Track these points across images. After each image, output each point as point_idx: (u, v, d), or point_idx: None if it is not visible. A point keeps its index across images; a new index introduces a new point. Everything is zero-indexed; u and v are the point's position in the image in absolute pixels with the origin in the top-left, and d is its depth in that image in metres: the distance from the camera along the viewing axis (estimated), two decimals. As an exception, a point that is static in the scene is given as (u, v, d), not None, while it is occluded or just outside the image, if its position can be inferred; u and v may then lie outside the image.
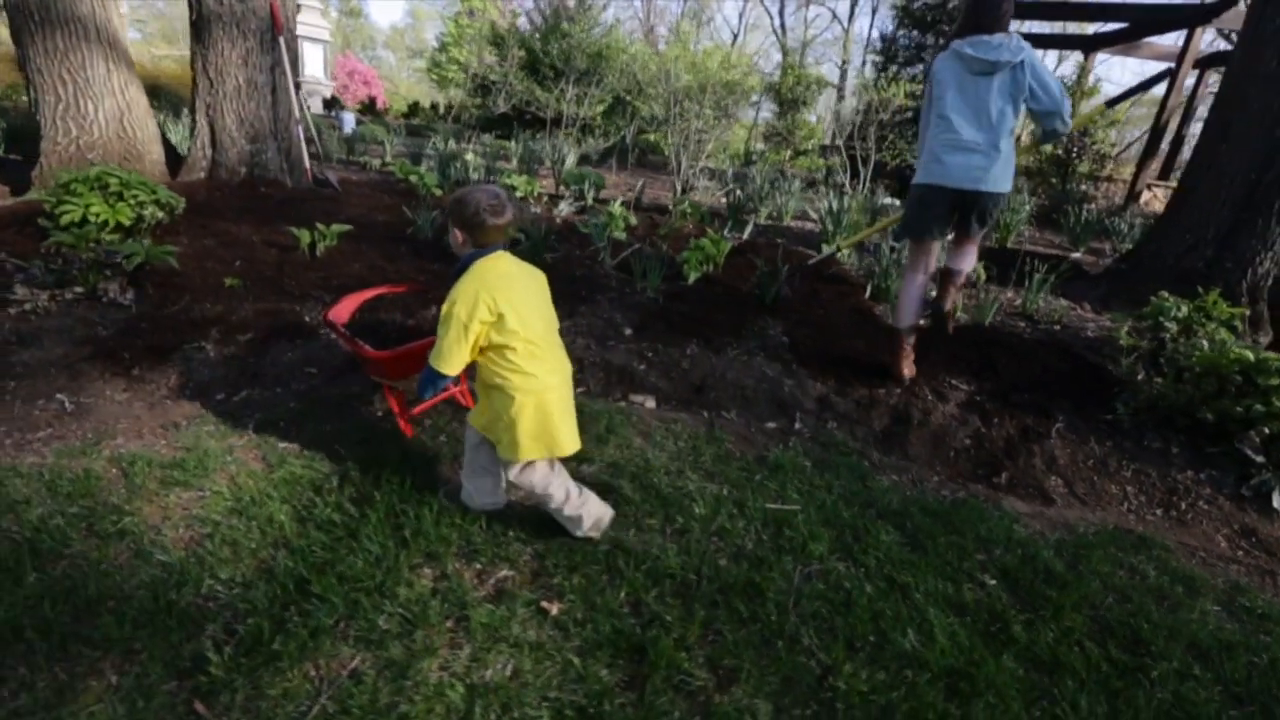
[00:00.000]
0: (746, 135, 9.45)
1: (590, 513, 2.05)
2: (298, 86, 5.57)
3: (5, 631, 1.59)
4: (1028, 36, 7.35)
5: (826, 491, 2.49)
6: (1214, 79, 9.59)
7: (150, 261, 3.41)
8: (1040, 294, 4.26)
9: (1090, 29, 11.50)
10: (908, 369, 3.21)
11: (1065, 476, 2.75)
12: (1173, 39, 10.41)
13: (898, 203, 6.63)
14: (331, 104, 16.69)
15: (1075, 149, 8.00)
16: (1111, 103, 8.86)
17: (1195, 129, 9.78)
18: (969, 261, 3.15)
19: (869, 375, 3.30)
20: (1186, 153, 9.17)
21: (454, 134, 9.23)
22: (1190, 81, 9.55)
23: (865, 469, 2.67)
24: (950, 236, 3.20)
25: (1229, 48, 11.54)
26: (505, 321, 1.79)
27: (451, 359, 1.82)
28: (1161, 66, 9.57)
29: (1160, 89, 9.62)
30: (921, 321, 3.32)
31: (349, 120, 10.85)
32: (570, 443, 1.97)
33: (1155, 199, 9.05)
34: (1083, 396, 3.18)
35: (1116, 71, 39.77)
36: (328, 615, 1.74)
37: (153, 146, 5.16)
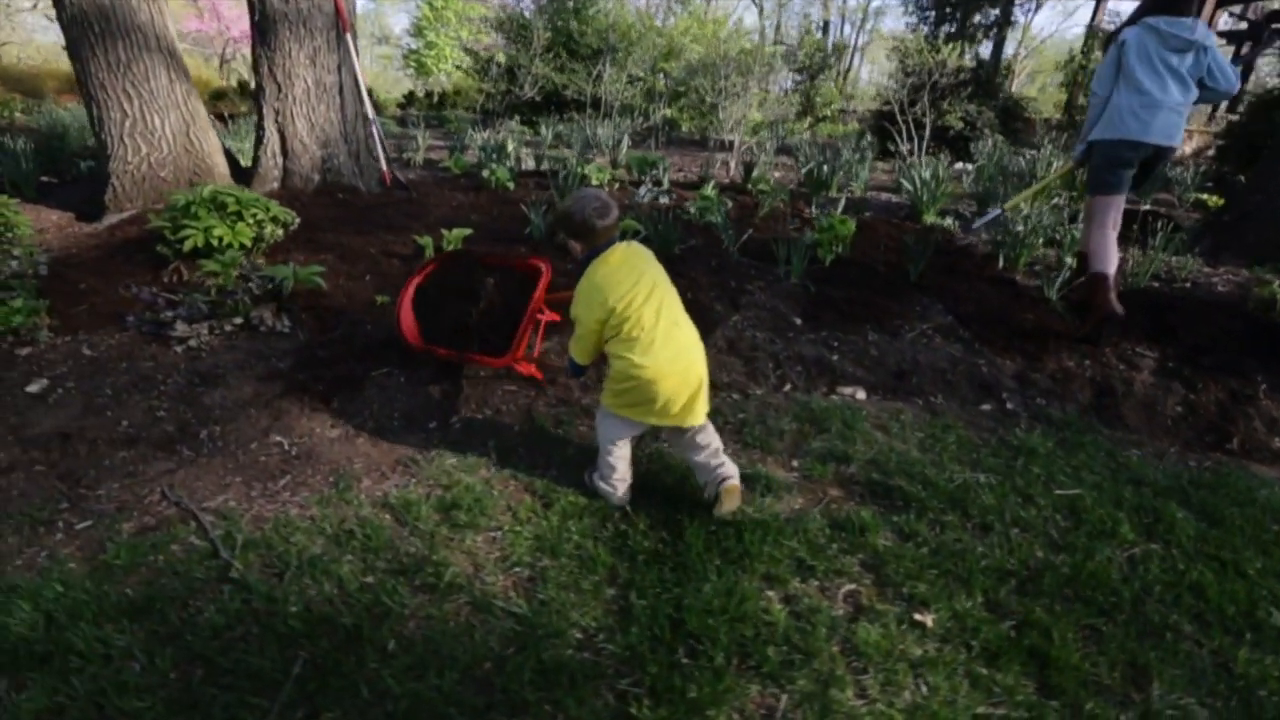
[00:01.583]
0: (758, 105, 9.27)
1: (619, 497, 2.15)
2: (359, 85, 5.25)
3: (415, 711, 1.46)
4: None
5: (1089, 472, 2.46)
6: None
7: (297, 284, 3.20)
8: (1165, 252, 4.26)
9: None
10: (1118, 305, 3.26)
11: (1290, 436, 2.76)
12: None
13: (969, 167, 6.59)
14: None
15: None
16: None
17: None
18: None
19: (1052, 348, 3.27)
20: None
21: (477, 123, 8.87)
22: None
23: (1108, 446, 2.65)
24: None
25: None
26: (615, 317, 1.93)
27: (581, 352, 2.10)
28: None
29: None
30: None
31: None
32: (667, 418, 2.00)
33: (1187, 143, 9.13)
34: (1267, 355, 3.19)
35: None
36: (718, 653, 1.65)
37: (218, 159, 4.84)
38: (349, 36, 4.94)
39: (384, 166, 5.43)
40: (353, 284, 3.53)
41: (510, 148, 7.26)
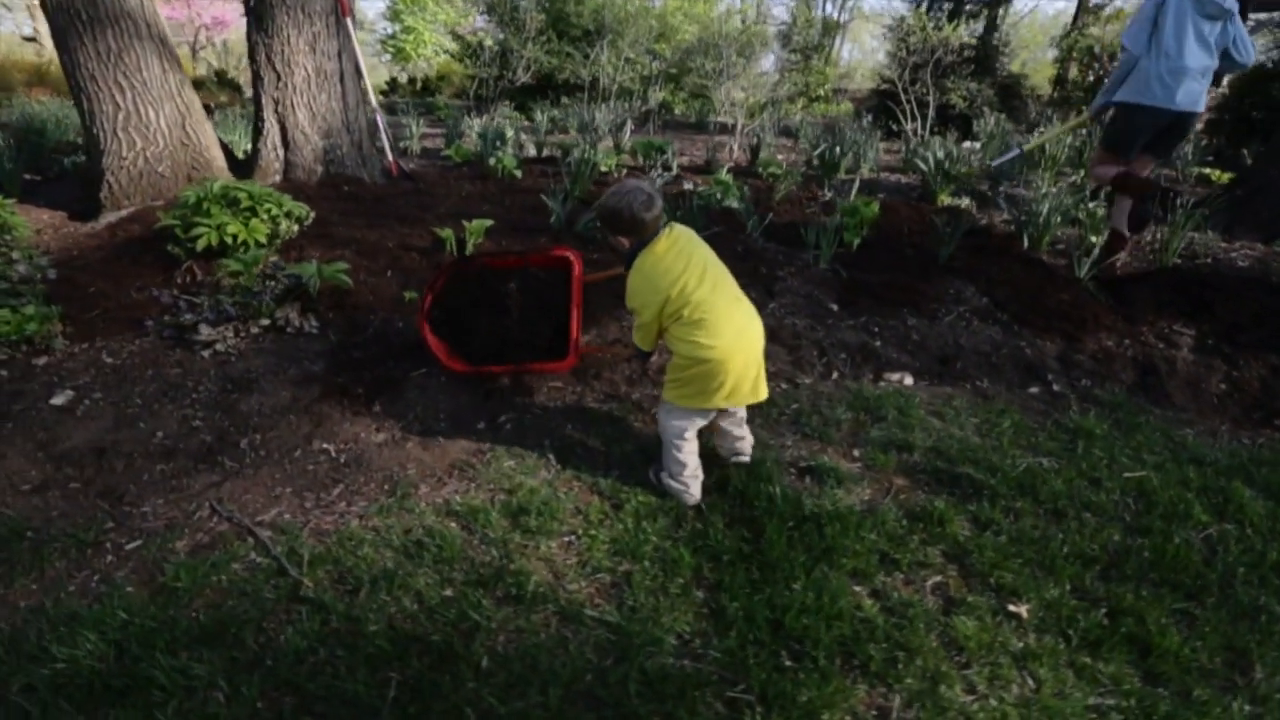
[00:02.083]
0: (758, 85, 9.15)
1: (692, 495, 2.08)
2: (360, 73, 5.05)
3: (524, 728, 1.41)
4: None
5: (1149, 452, 2.46)
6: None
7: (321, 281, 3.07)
8: (1186, 228, 4.27)
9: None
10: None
11: (1334, 409, 2.78)
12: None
13: (976, 145, 6.56)
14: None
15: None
16: None
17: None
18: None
19: (1090, 328, 3.26)
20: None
21: (471, 109, 8.64)
22: None
23: (1162, 426, 2.64)
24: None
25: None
26: (671, 304, 1.92)
27: (644, 340, 2.10)
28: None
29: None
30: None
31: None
32: (735, 399, 1.96)
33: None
34: (1302, 328, 3.21)
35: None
36: (820, 653, 1.61)
37: (215, 152, 4.63)
38: (349, 21, 4.74)
39: (389, 157, 5.25)
40: (376, 280, 3.40)
41: (509, 134, 7.08)
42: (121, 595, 1.71)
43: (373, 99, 5.10)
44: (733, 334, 1.93)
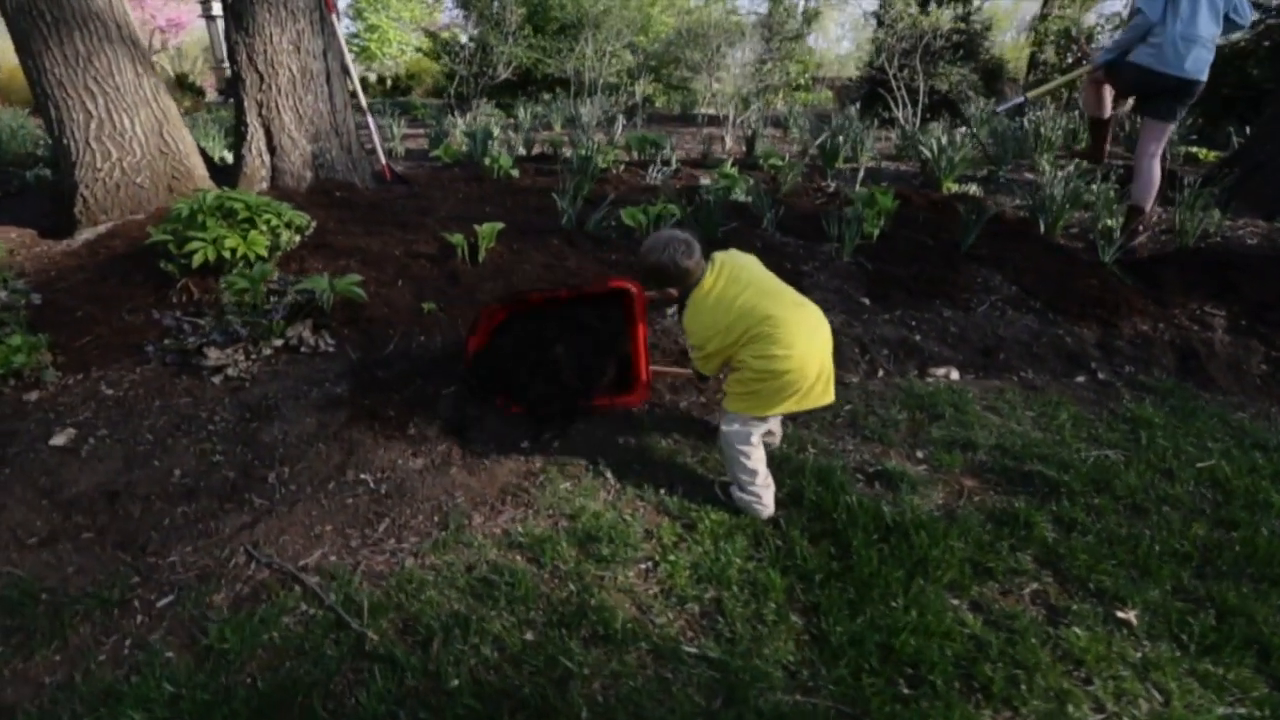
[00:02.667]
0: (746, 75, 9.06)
1: (766, 505, 1.98)
2: (346, 72, 4.80)
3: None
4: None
5: (1211, 440, 2.42)
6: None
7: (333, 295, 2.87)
8: (1196, 208, 4.29)
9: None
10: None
11: (1374, 385, 2.78)
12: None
13: (977, 131, 6.53)
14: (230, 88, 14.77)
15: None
16: None
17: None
18: None
19: (1124, 313, 3.23)
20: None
21: (451, 108, 8.36)
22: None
23: (1217, 411, 2.61)
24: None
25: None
26: (736, 333, 1.85)
27: (710, 369, 2.05)
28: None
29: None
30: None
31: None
32: (799, 404, 1.89)
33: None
34: (1328, 306, 3.22)
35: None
36: (937, 677, 1.51)
37: (196, 159, 4.34)
38: (334, 18, 4.49)
39: (382, 160, 5.01)
40: (387, 291, 3.21)
41: (497, 132, 6.86)
42: (162, 663, 1.53)
43: (363, 99, 4.86)
44: (805, 340, 1.86)
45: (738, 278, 1.93)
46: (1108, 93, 4.13)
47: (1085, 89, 4.31)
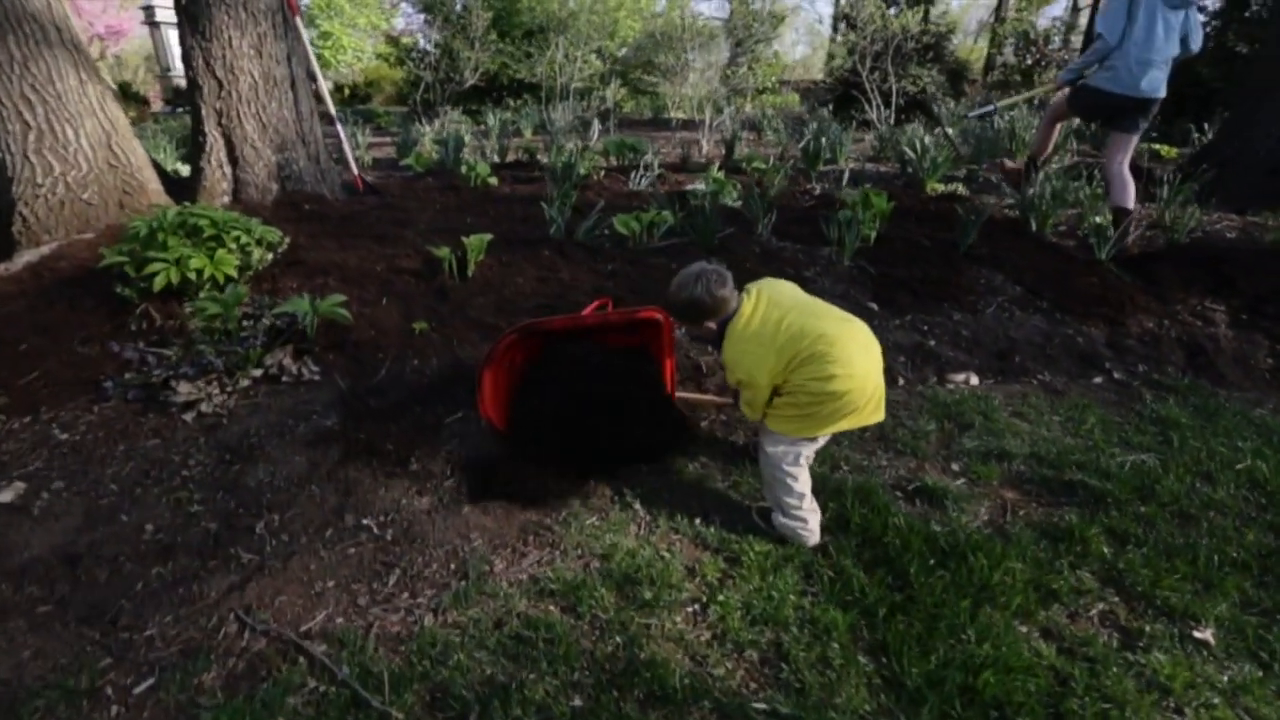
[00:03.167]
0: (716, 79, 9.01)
1: (813, 531, 1.86)
2: (312, 77, 4.52)
3: None
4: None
5: (1240, 438, 2.39)
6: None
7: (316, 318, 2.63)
8: (1176, 204, 4.36)
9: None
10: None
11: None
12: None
13: (951, 131, 6.61)
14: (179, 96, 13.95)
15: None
16: None
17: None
18: None
19: (1128, 310, 3.23)
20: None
21: (418, 115, 8.07)
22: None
23: (1240, 408, 2.59)
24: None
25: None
26: (784, 362, 1.72)
27: (754, 411, 1.87)
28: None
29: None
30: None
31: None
32: (849, 422, 1.78)
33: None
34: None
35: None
36: (1026, 719, 1.39)
37: (149, 173, 4.00)
38: (298, 20, 4.22)
39: (354, 170, 4.74)
40: (372, 311, 2.97)
41: (468, 140, 6.63)
42: (148, 765, 1.30)
43: (330, 106, 4.58)
44: (861, 356, 1.73)
45: (778, 301, 1.80)
46: (1057, 131, 4.45)
47: (1045, 119, 4.49)
